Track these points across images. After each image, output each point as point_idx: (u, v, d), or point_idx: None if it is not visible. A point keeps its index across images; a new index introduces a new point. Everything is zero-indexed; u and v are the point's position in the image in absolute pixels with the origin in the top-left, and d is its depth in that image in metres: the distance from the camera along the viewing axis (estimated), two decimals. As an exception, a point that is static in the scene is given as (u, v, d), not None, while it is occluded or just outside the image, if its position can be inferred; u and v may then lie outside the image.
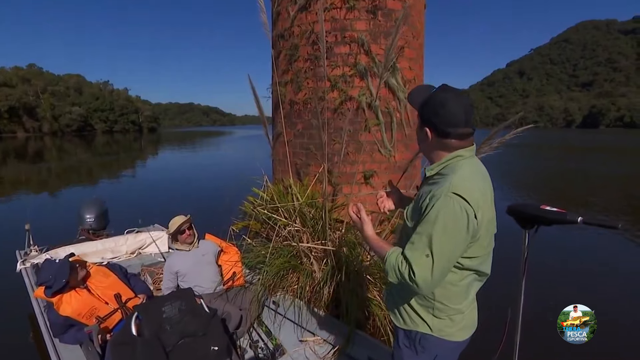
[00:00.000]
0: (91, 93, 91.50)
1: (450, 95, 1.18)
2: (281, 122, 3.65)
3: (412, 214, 1.28)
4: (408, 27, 3.37)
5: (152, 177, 15.59)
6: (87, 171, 18.90)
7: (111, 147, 40.75)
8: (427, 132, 1.25)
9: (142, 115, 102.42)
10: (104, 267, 2.83)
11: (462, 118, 1.18)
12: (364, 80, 3.25)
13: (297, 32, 3.39)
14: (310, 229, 3.01)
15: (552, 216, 1.44)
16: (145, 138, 63.80)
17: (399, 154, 3.50)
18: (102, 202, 4.57)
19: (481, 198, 1.14)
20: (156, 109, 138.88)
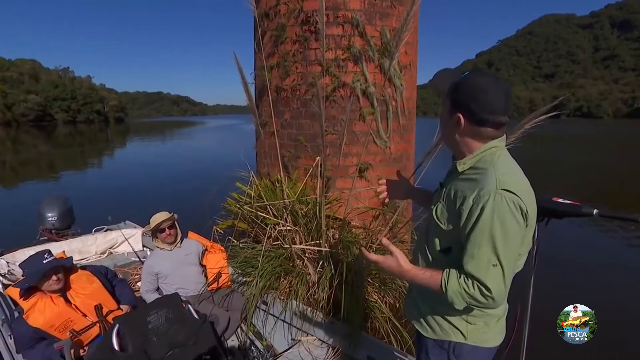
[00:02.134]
0: (49, 80, 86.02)
1: (490, 79, 1.07)
2: (266, 111, 3.34)
3: (447, 215, 1.13)
4: (404, 7, 3.12)
5: (122, 170, 14.71)
6: (48, 164, 17.66)
7: (74, 138, 38.60)
8: (460, 119, 1.09)
9: (108, 104, 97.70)
10: (88, 271, 2.47)
11: (503, 105, 1.06)
12: (359, 64, 2.99)
13: (284, 10, 3.06)
14: (303, 227, 2.76)
15: (565, 209, 1.40)
16: (113, 129, 60.98)
17: (394, 145, 3.29)
18: (66, 199, 4.11)
19: (528, 190, 1.05)
20: (123, 98, 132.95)
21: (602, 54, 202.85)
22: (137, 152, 23.21)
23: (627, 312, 3.59)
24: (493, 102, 1.05)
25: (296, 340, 2.48)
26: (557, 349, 2.37)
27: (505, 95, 1.06)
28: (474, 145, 1.11)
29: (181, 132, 47.83)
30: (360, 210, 3.09)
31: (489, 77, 1.08)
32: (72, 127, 64.13)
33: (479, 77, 1.08)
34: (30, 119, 75.43)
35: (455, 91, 1.10)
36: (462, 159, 1.13)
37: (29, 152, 23.97)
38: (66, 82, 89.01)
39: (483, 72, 1.11)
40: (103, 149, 26.10)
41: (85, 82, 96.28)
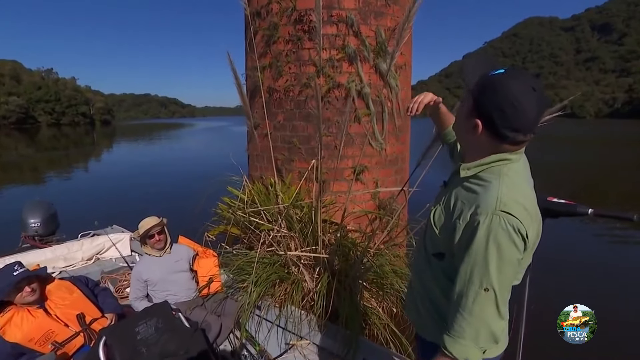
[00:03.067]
0: (32, 82, 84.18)
1: (526, 88, 0.89)
2: (259, 113, 3.24)
3: (444, 222, 1.05)
4: (399, 7, 3.07)
5: (108, 174, 14.39)
6: (31, 168, 17.17)
7: (59, 141, 37.79)
8: (478, 125, 0.96)
9: (94, 106, 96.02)
10: (67, 281, 2.35)
11: (532, 123, 0.91)
12: (353, 64, 2.92)
13: (277, 9, 2.97)
14: (298, 233, 2.67)
15: (560, 208, 1.38)
16: (99, 131, 60.00)
17: (390, 147, 3.22)
18: (50, 204, 3.95)
19: (532, 210, 0.94)
20: (109, 100, 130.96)
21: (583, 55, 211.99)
22: (124, 155, 22.79)
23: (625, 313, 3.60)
24: (521, 120, 0.90)
25: (290, 344, 2.41)
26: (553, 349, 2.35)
27: (538, 111, 0.90)
28: (485, 152, 0.99)
29: (169, 134, 47.24)
30: (357, 214, 3.01)
31: (525, 85, 0.89)
32: (56, 130, 62.85)
33: (514, 83, 0.89)
34: (12, 121, 73.64)
35: (481, 92, 0.95)
36: (469, 162, 1.02)
37: (10, 155, 23.33)
38: (49, 84, 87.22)
39: (519, 75, 0.91)
40: (89, 152, 25.58)
41: (70, 84, 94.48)
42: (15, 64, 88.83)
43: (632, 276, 4.68)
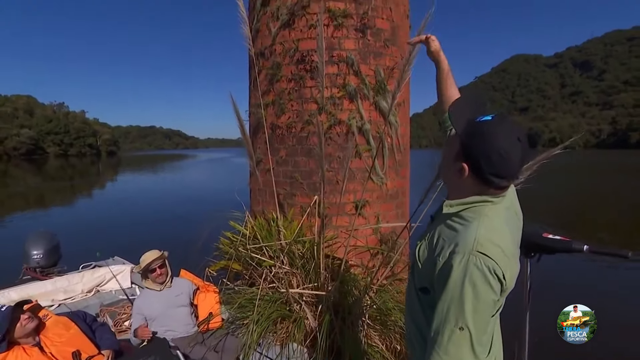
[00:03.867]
0: (44, 115, 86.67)
1: (512, 137, 0.95)
2: (261, 148, 3.31)
3: (426, 257, 1.08)
4: (397, 47, 3.20)
5: (112, 204, 14.48)
6: (37, 198, 17.33)
7: (65, 171, 38.30)
8: (464, 169, 1.00)
9: (101, 138, 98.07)
10: (65, 317, 2.33)
11: (516, 170, 0.98)
12: (354, 102, 3.01)
13: (280, 50, 3.11)
14: (300, 269, 2.64)
15: (555, 245, 1.42)
16: (104, 162, 60.86)
17: (390, 181, 3.25)
18: (53, 235, 3.95)
19: (509, 252, 0.96)
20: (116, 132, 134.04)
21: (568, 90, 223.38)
22: (128, 186, 22.99)
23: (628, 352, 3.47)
24: (507, 168, 0.95)
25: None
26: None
27: (522, 161, 0.97)
28: (468, 193, 1.02)
29: (173, 165, 47.80)
30: (360, 249, 3.00)
31: (512, 135, 0.95)
32: (63, 160, 63.89)
33: (501, 133, 0.95)
34: (22, 152, 75.09)
35: (469, 138, 0.99)
36: (452, 199, 1.06)
37: (18, 185, 23.58)
38: (60, 117, 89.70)
39: (505, 125, 0.96)
40: (94, 182, 25.84)
41: (79, 117, 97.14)
42: (29, 99, 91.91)
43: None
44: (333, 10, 2.92)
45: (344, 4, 2.95)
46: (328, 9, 2.92)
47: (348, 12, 2.95)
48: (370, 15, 3.01)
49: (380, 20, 3.07)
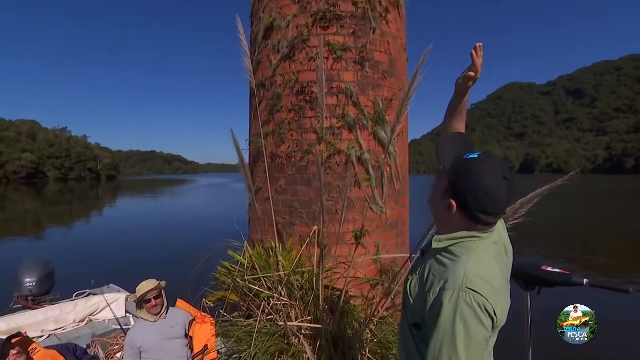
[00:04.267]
0: (46, 139, 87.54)
1: (497, 175, 0.98)
2: (261, 177, 3.32)
3: (417, 292, 1.08)
4: (395, 79, 3.28)
5: (109, 229, 14.35)
6: (33, 222, 17.19)
7: (64, 195, 38.23)
8: (452, 205, 1.03)
9: (101, 162, 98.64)
10: (53, 351, 2.26)
11: (502, 207, 1.00)
12: (353, 132, 3.05)
13: (280, 81, 3.18)
14: (299, 301, 2.59)
15: (554, 278, 1.42)
16: (103, 186, 60.90)
17: (389, 210, 3.24)
18: (47, 262, 3.88)
19: (499, 288, 0.97)
20: (116, 156, 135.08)
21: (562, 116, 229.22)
22: (127, 211, 22.88)
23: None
24: (493, 204, 0.98)
25: None
26: None
27: (507, 195, 0.99)
28: (456, 228, 1.04)
29: (172, 190, 47.79)
30: (360, 280, 2.95)
31: (497, 173, 0.98)
32: (63, 184, 63.94)
33: (487, 171, 0.98)
34: (22, 176, 75.20)
35: (456, 176, 1.02)
36: (441, 234, 1.07)
37: (15, 209, 23.44)
38: (62, 141, 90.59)
39: (491, 163, 1.00)
40: (92, 206, 25.73)
41: (81, 141, 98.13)
42: (33, 124, 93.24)
43: None
44: (332, 43, 3.01)
45: (343, 38, 3.04)
46: (327, 42, 3.01)
47: (347, 45, 3.04)
48: (369, 49, 3.10)
49: (378, 53, 3.16)
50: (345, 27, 3.04)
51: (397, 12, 3.33)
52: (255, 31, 3.41)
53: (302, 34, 3.04)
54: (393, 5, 3.27)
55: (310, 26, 3.03)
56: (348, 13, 3.05)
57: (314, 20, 3.03)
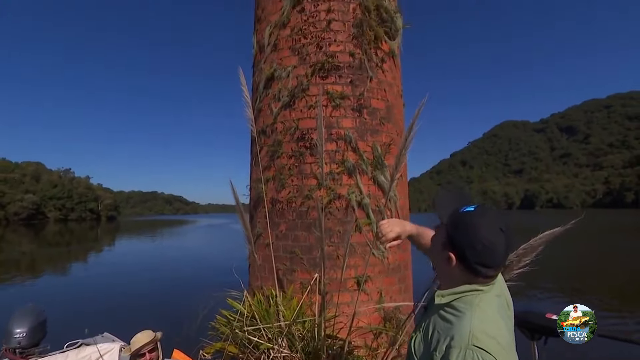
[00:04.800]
0: (49, 181, 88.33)
1: (493, 226, 0.99)
2: (261, 222, 3.31)
3: (422, 352, 1.05)
4: (392, 124, 3.36)
5: (106, 273, 14.04)
6: (28, 265, 16.87)
7: (63, 236, 37.88)
8: (452, 258, 1.02)
9: (102, 203, 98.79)
10: None
11: (501, 259, 1.00)
12: (353, 177, 3.08)
13: (281, 128, 3.26)
14: (300, 353, 2.48)
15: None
16: (103, 227, 60.54)
17: (391, 255, 3.20)
18: (40, 311, 3.72)
19: (505, 343, 0.95)
20: (118, 197, 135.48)
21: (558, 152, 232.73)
22: (125, 253, 22.55)
23: None
24: (492, 256, 0.98)
25: None
26: None
27: (506, 247, 0.99)
28: (457, 282, 1.03)
29: (172, 231, 47.40)
30: (363, 330, 2.84)
31: (494, 225, 0.99)
32: (62, 225, 63.58)
33: (483, 223, 0.99)
34: (22, 217, 74.98)
35: (454, 229, 1.03)
36: (443, 289, 1.06)
37: (12, 251, 23.11)
38: (65, 182, 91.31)
39: (487, 215, 1.01)
40: (90, 248, 25.39)
41: (84, 182, 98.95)
42: (38, 165, 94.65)
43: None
44: (331, 92, 3.12)
45: (341, 87, 3.17)
46: (326, 91, 3.13)
47: (345, 94, 3.15)
48: (366, 96, 3.22)
49: (376, 101, 3.27)
50: (344, 77, 3.18)
51: (392, 62, 3.49)
52: (257, 81, 3.56)
53: (302, 83, 3.17)
54: (388, 56, 3.43)
55: (309, 76, 3.16)
56: (346, 64, 3.19)
57: (313, 71, 3.16)
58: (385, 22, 3.37)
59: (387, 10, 3.37)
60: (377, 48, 3.31)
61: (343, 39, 3.21)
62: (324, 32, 3.20)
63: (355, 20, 3.24)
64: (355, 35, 3.22)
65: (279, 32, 3.36)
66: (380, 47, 3.33)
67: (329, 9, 3.22)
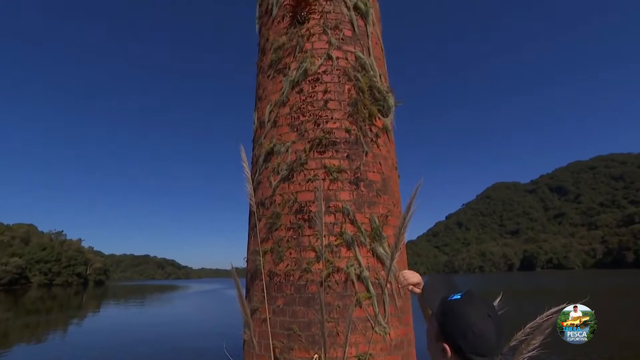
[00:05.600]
0: (39, 243, 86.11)
1: (482, 313, 1.00)
2: (258, 296, 3.22)
3: None
4: (389, 196, 3.44)
5: (85, 345, 13.09)
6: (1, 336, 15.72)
7: (44, 303, 35.95)
8: (446, 349, 1.01)
9: (91, 267, 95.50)
10: None
11: (494, 346, 0.99)
12: (351, 249, 3.07)
13: (279, 200, 3.32)
14: None
15: None
16: (89, 292, 57.84)
17: (393, 331, 3.07)
18: None
19: None
20: (108, 261, 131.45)
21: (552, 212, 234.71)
22: (109, 321, 21.26)
23: None
24: (484, 345, 0.97)
25: None
26: None
27: (497, 334, 0.98)
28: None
29: (161, 297, 45.31)
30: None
31: (481, 312, 1.00)
32: (45, 291, 60.72)
33: (470, 311, 0.99)
34: (4, 282, 71.63)
35: (444, 318, 1.03)
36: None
37: (-14, 321, 21.68)
38: (55, 245, 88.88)
39: (474, 302, 1.02)
40: (73, 316, 23.99)
41: (75, 245, 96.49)
42: (29, 227, 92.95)
43: None
44: (329, 166, 3.24)
45: (338, 161, 3.29)
46: (324, 165, 3.25)
47: (342, 167, 3.27)
48: (363, 170, 3.34)
49: (372, 174, 3.39)
50: (340, 152, 3.32)
51: (386, 137, 3.68)
52: (257, 154, 3.70)
53: (301, 158, 3.30)
54: (382, 131, 3.63)
55: (308, 151, 3.31)
56: (342, 139, 3.36)
57: (311, 146, 3.32)
58: (379, 100, 3.62)
59: (379, 90, 3.63)
60: (371, 124, 3.51)
61: (339, 117, 3.42)
62: (321, 110, 3.42)
63: (350, 100, 3.48)
64: (351, 113, 3.44)
65: (278, 110, 3.58)
66: (375, 124, 3.54)
67: (326, 90, 3.48)
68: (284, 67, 3.69)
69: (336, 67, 3.54)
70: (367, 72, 3.61)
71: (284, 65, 3.69)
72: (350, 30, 3.74)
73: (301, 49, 3.63)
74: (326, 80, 3.50)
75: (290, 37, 3.74)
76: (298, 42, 3.66)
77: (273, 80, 3.75)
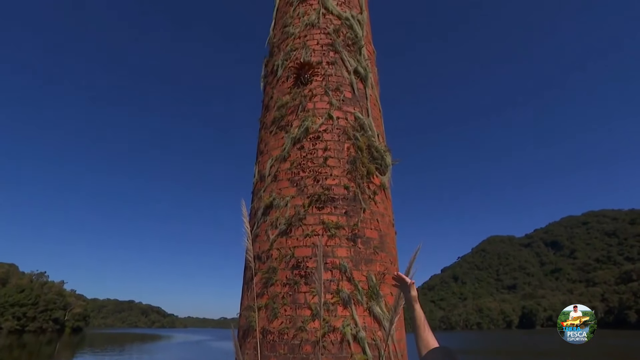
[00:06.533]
0: (17, 285, 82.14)
1: None
2: (250, 355, 3.09)
3: None
4: (386, 253, 3.45)
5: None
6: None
7: (11, 352, 33.51)
8: None
9: (70, 312, 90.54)
10: None
11: None
12: (348, 308, 3.02)
13: (276, 255, 3.31)
14: None
15: None
16: (64, 340, 54.26)
17: (390, 396, 2.92)
18: None
19: None
20: (90, 305, 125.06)
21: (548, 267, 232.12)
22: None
23: None
24: None
25: None
26: None
27: None
28: None
29: (142, 347, 42.63)
30: None
31: None
32: (15, 338, 56.84)
33: None
34: (-29, 329, 67.30)
35: None
36: None
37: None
38: (34, 287, 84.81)
39: None
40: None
41: (56, 287, 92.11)
42: (10, 267, 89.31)
43: None
44: (327, 222, 3.28)
45: (336, 217, 3.34)
46: (322, 221, 3.29)
47: (340, 224, 3.31)
48: (360, 226, 3.37)
49: (369, 230, 3.42)
50: (339, 208, 3.38)
51: (384, 194, 3.77)
52: (256, 207, 3.74)
53: (299, 213, 3.35)
54: (380, 189, 3.72)
55: (306, 207, 3.36)
56: (341, 196, 3.44)
57: (310, 202, 3.38)
58: (376, 159, 3.75)
59: (377, 149, 3.78)
60: (369, 182, 3.61)
61: (338, 174, 3.52)
62: (321, 167, 3.53)
63: (349, 158, 3.61)
64: (350, 171, 3.55)
65: (279, 165, 3.69)
66: (372, 181, 3.64)
67: (326, 148, 3.62)
68: (286, 124, 3.86)
69: (336, 127, 3.72)
70: (366, 132, 3.78)
71: (287, 122, 3.86)
72: (351, 92, 3.98)
73: (303, 108, 3.83)
74: (326, 139, 3.65)
75: (293, 96, 3.95)
76: (301, 101, 3.87)
77: (275, 136, 3.91)
